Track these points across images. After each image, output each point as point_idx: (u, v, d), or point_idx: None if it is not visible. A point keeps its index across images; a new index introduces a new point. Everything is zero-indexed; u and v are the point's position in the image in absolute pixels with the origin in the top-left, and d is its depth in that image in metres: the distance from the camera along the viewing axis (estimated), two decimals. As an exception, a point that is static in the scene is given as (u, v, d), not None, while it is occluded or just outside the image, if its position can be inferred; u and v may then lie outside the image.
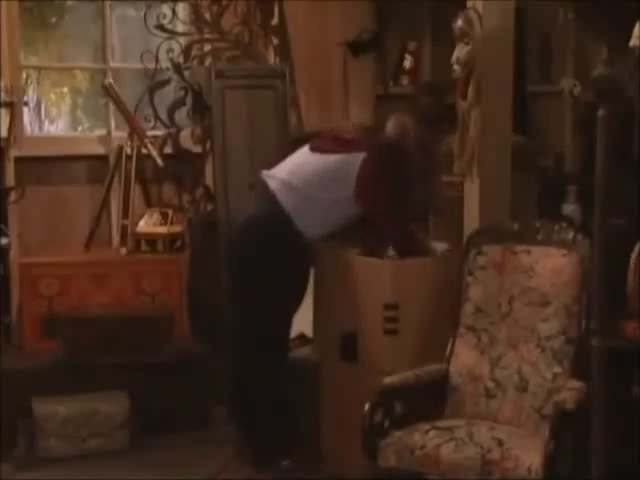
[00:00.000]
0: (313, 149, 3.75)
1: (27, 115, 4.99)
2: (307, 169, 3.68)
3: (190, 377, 4.32)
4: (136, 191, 4.82)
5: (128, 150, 4.78)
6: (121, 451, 4.12)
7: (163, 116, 4.72)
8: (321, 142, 3.78)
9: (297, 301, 3.72)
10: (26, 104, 4.87)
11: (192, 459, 4.01)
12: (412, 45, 5.10)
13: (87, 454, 4.08)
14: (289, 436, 3.73)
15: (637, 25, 3.35)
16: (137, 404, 4.18)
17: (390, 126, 3.75)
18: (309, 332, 4.11)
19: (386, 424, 3.15)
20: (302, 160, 3.74)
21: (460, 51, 3.62)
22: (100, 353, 4.24)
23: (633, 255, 3.08)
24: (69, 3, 5.17)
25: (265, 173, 3.76)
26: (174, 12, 4.65)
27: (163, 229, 4.73)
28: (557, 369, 3.17)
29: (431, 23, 5.03)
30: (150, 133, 4.77)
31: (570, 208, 4.04)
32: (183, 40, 4.72)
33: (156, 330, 4.34)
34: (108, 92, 4.85)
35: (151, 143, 4.75)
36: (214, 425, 4.27)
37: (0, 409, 4.05)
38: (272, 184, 3.68)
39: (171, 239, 4.72)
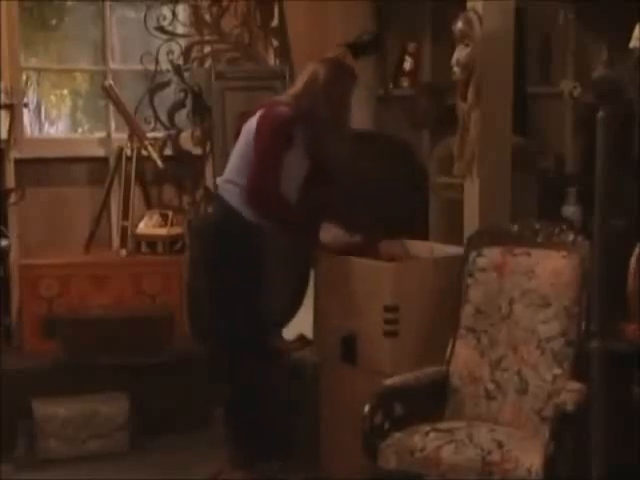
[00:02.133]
0: (234, 138, 3.75)
1: (27, 117, 4.99)
2: (235, 158, 3.67)
3: (190, 378, 4.32)
4: (136, 193, 4.82)
5: (128, 152, 4.78)
6: (121, 452, 4.13)
7: (163, 118, 4.73)
8: (240, 127, 3.75)
9: (290, 301, 3.68)
10: (26, 106, 4.87)
11: (192, 460, 4.01)
12: (412, 46, 5.10)
13: (87, 455, 4.09)
14: (274, 437, 3.68)
15: (637, 26, 3.35)
16: (137, 405, 4.18)
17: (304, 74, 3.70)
18: (309, 334, 4.10)
19: (386, 426, 3.15)
20: (232, 154, 3.73)
21: (460, 53, 3.61)
22: (100, 354, 4.25)
23: (633, 257, 3.08)
24: (69, 4, 5.18)
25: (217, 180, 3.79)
26: (174, 14, 4.66)
27: (163, 231, 4.73)
28: (557, 371, 3.17)
29: (431, 24, 5.03)
30: (150, 135, 4.77)
31: (570, 209, 4.03)
32: (183, 42, 4.72)
33: (156, 331, 4.34)
34: (108, 94, 4.85)
35: (151, 145, 4.76)
36: (214, 426, 4.27)
37: (0, 410, 4.05)
38: (219, 189, 3.71)
39: (171, 241, 4.73)
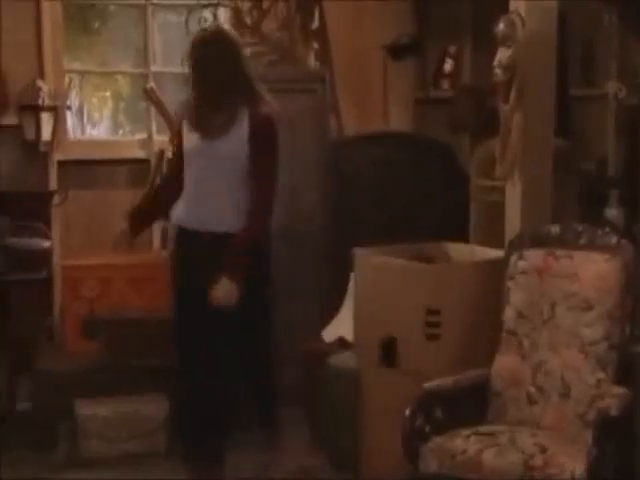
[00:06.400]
0: None
1: (70, 119, 5.04)
2: None
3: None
4: (177, 194, 4.83)
5: (169, 154, 4.80)
6: (161, 452, 4.15)
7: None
8: None
9: None
10: (69, 108, 4.92)
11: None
12: (452, 48, 5.09)
13: (127, 455, 4.11)
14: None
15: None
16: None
17: None
18: (350, 337, 4.10)
19: (427, 429, 3.13)
20: None
21: (502, 54, 3.60)
22: (140, 355, 4.27)
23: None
24: (112, 8, 5.22)
25: None
26: (215, 16, 4.69)
27: (203, 232, 4.73)
28: (600, 375, 3.13)
29: (472, 26, 5.02)
30: (191, 137, 4.79)
31: (612, 212, 4.00)
32: (224, 44, 4.73)
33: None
34: (149, 96, 4.88)
35: (191, 147, 4.77)
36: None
37: (42, 409, 4.09)
38: None
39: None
